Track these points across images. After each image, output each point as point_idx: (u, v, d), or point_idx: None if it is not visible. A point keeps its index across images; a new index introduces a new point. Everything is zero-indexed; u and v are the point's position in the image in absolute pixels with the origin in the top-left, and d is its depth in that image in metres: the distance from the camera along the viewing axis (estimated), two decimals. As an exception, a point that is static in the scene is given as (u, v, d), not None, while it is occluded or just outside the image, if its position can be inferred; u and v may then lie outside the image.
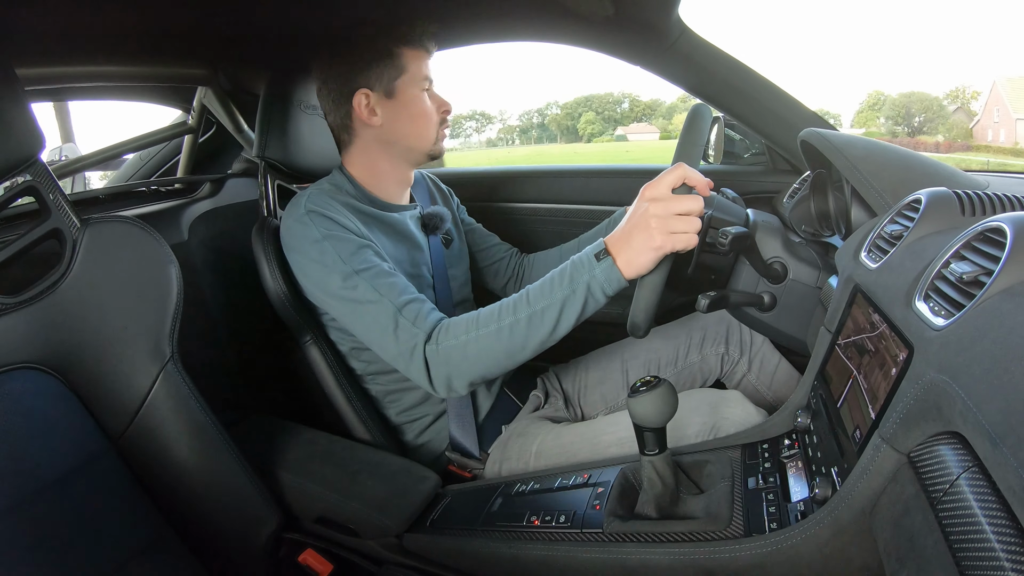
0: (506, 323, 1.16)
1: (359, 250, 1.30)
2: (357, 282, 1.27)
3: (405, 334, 1.22)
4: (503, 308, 1.18)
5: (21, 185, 0.95)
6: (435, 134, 1.47)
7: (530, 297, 1.16)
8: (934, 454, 0.60)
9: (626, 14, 1.45)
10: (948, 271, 0.73)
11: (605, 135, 67.49)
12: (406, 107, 1.43)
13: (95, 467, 0.97)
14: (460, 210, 1.80)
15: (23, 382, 0.93)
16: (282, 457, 1.33)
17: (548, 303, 1.13)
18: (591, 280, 1.11)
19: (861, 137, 1.23)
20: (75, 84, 1.68)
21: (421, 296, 1.29)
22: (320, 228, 1.30)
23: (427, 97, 1.45)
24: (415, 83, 1.43)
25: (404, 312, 1.24)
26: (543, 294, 1.15)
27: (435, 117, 1.47)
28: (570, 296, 1.12)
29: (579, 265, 1.13)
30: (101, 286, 1.01)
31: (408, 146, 1.47)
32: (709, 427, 1.28)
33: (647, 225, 1.06)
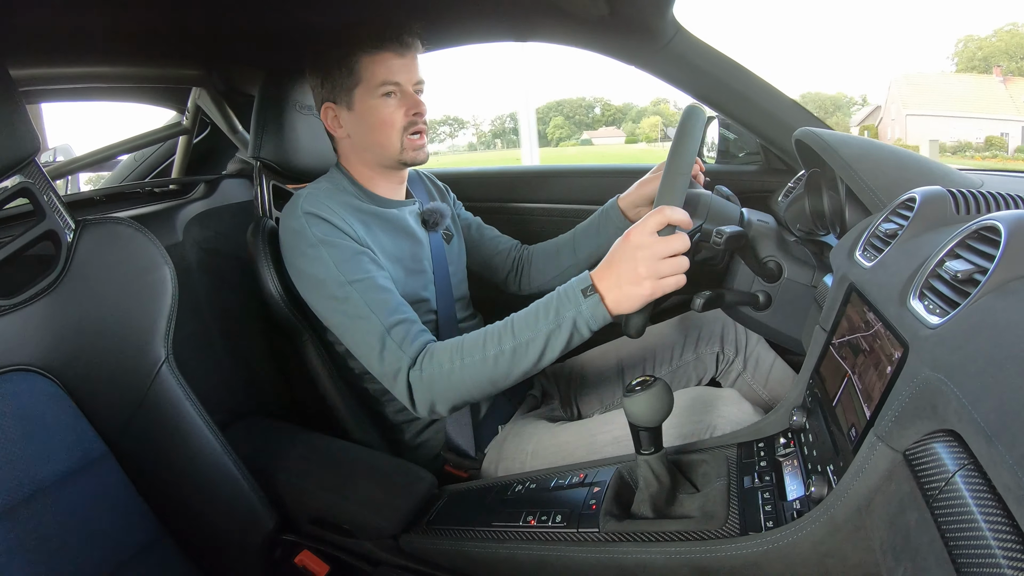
0: (491, 353, 1.17)
1: (355, 257, 1.30)
2: (350, 293, 1.28)
3: (391, 355, 1.24)
4: (488, 337, 1.18)
5: (16, 187, 0.94)
6: (399, 142, 1.42)
7: (515, 328, 1.17)
8: (929, 452, 0.60)
9: (621, 14, 1.45)
10: (943, 269, 0.73)
11: (572, 139, 67.68)
12: (364, 118, 1.42)
13: (91, 469, 0.96)
14: (457, 206, 1.80)
15: (18, 384, 0.93)
16: (277, 458, 1.32)
17: (533, 335, 1.14)
18: (577, 316, 1.12)
19: (856, 136, 1.24)
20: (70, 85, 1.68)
21: (411, 316, 1.31)
22: (317, 232, 1.30)
23: (387, 104, 1.40)
24: (371, 91, 1.39)
25: (392, 333, 1.25)
26: (528, 325, 1.15)
27: (398, 124, 1.41)
28: (555, 330, 1.13)
29: (565, 299, 1.14)
30: (96, 288, 1.01)
31: (377, 155, 1.46)
32: (705, 426, 1.28)
33: (635, 272, 1.07)
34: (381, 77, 1.38)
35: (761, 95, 1.66)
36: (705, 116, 1.26)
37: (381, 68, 1.38)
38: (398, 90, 1.40)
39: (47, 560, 0.88)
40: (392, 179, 1.51)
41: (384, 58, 1.38)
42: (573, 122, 73.61)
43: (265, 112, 1.54)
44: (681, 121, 1.20)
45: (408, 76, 1.40)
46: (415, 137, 1.43)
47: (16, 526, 0.87)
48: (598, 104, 74.01)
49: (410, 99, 1.41)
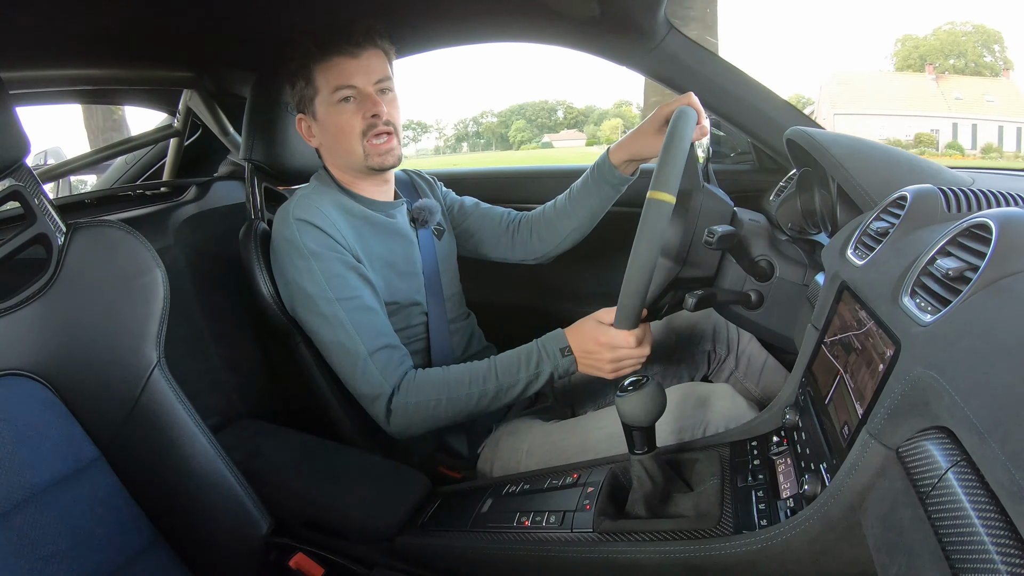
0: (475, 392, 1.31)
1: (345, 274, 1.32)
2: (337, 311, 1.31)
3: (373, 379, 1.31)
4: (473, 377, 1.32)
5: (6, 190, 0.94)
6: (360, 148, 1.40)
7: (498, 372, 1.32)
8: (922, 449, 0.61)
9: (612, 14, 1.45)
10: (934, 267, 0.73)
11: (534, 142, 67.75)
12: (327, 127, 1.42)
13: (84, 474, 0.96)
14: (447, 195, 1.78)
15: (10, 389, 0.93)
16: (271, 461, 1.32)
17: (514, 381, 1.32)
18: (554, 369, 1.32)
19: (846, 135, 1.24)
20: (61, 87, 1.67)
21: (395, 341, 1.35)
22: (308, 242, 1.31)
23: (345, 110, 1.38)
24: (328, 99, 1.38)
25: (375, 358, 1.31)
26: (510, 372, 1.32)
27: (356, 129, 1.39)
28: (534, 379, 1.33)
29: (545, 355, 1.33)
30: (87, 291, 1.00)
31: (348, 162, 1.45)
32: (699, 421, 1.29)
33: (600, 365, 1.31)
34: (334, 83, 1.37)
35: (752, 95, 1.67)
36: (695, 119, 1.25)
37: (333, 74, 1.37)
38: (355, 93, 1.38)
39: (40, 566, 0.87)
40: (375, 182, 1.50)
41: (335, 63, 1.36)
42: (535, 125, 73.37)
43: (256, 114, 1.54)
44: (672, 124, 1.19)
45: (365, 77, 1.38)
46: (378, 141, 1.40)
47: (8, 532, 0.86)
48: (560, 107, 74.02)
49: (367, 101, 1.38)
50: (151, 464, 1.02)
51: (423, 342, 1.52)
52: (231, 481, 1.07)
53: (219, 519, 1.05)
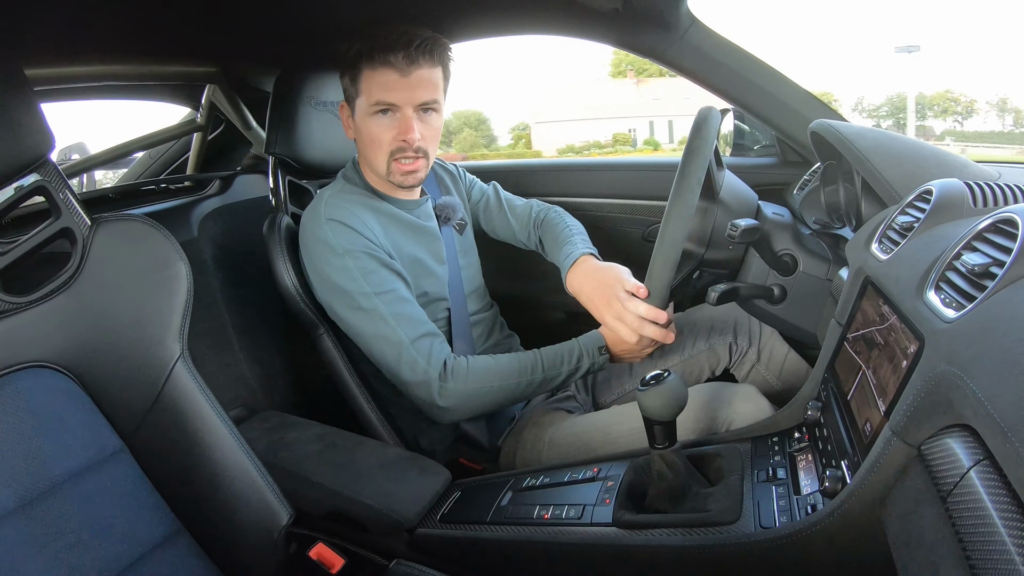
0: (524, 380, 1.36)
1: (380, 269, 1.33)
2: (376, 304, 1.32)
3: (417, 366, 1.31)
4: (522, 367, 1.37)
5: (31, 185, 0.95)
6: (385, 164, 1.39)
7: (544, 364, 1.37)
8: (944, 447, 0.60)
9: (635, 6, 1.44)
10: (959, 262, 0.72)
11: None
12: (359, 131, 1.41)
13: (106, 465, 0.97)
14: (473, 186, 1.78)
15: (34, 380, 0.94)
16: (292, 452, 1.33)
17: (558, 373, 1.38)
18: (592, 365, 1.40)
19: (872, 128, 1.23)
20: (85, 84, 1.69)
21: (433, 328, 1.36)
22: (342, 241, 1.32)
23: (379, 122, 1.36)
24: (365, 108, 1.36)
25: (417, 346, 1.32)
26: (555, 364, 1.38)
27: (384, 147, 1.37)
28: (574, 372, 1.39)
29: (586, 353, 1.40)
30: (111, 284, 1.01)
31: (370, 166, 1.45)
32: (720, 422, 1.28)
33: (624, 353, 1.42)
34: (376, 95, 1.34)
35: (777, 87, 1.65)
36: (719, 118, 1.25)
37: (378, 85, 1.33)
38: (395, 111, 1.35)
39: (63, 555, 0.88)
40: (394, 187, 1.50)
41: (383, 75, 1.32)
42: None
43: (280, 108, 1.54)
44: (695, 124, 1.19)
45: (408, 96, 1.34)
46: (404, 163, 1.39)
47: (31, 521, 0.88)
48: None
49: (403, 123, 1.36)
50: (173, 455, 1.03)
51: (445, 334, 1.52)
52: (253, 472, 1.08)
53: (240, 510, 1.06)
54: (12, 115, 0.89)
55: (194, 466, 1.04)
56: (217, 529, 1.06)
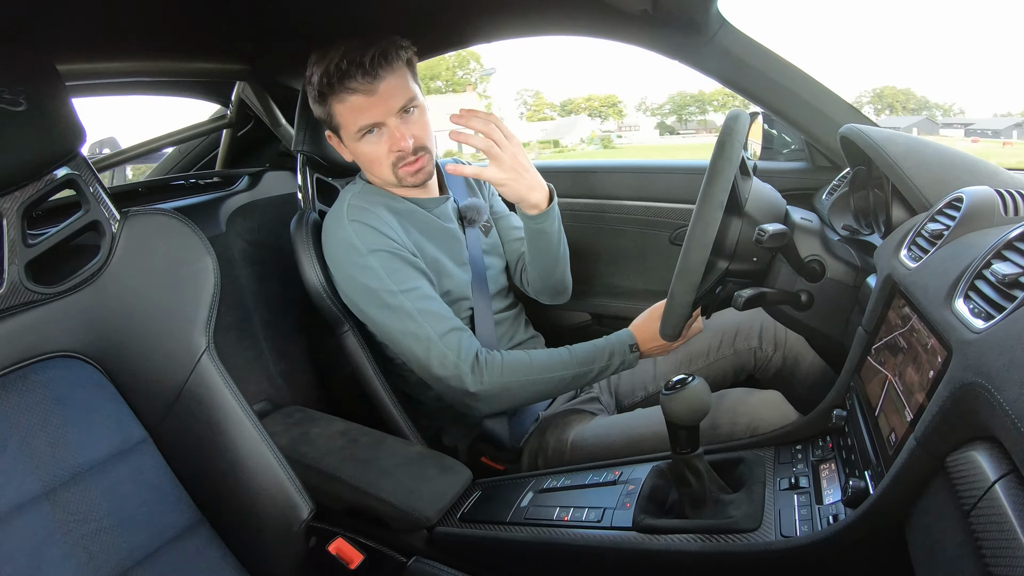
0: (557, 375, 1.38)
1: (404, 267, 1.35)
2: (402, 301, 1.33)
3: (447, 360, 1.33)
4: (554, 363, 1.39)
5: (62, 178, 0.96)
6: (392, 175, 1.41)
7: (577, 360, 1.40)
8: (969, 459, 0.59)
9: (664, 8, 1.43)
10: (989, 272, 0.71)
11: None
12: (355, 155, 1.43)
13: (130, 455, 0.98)
14: (493, 197, 1.78)
15: (61, 370, 0.95)
16: (314, 447, 1.34)
17: (590, 368, 1.40)
18: (623, 362, 1.43)
19: (902, 134, 1.21)
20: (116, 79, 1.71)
21: (459, 323, 1.37)
22: (365, 241, 1.33)
23: (368, 144, 1.38)
24: (349, 136, 1.38)
25: (445, 341, 1.33)
26: (587, 360, 1.40)
27: (384, 163, 1.39)
28: (605, 368, 1.42)
29: (618, 350, 1.43)
30: (139, 277, 1.03)
31: (380, 181, 1.47)
32: (743, 427, 1.27)
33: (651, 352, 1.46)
34: (354, 123, 1.35)
35: (807, 90, 1.63)
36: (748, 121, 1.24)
37: (351, 112, 1.35)
38: (379, 126, 1.37)
39: (85, 542, 0.90)
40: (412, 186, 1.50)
41: (351, 102, 1.34)
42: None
43: (308, 107, 1.55)
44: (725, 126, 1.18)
45: (384, 109, 1.34)
46: (408, 166, 1.41)
47: (55, 508, 0.89)
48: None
49: (393, 135, 1.37)
50: (197, 447, 1.04)
51: None
52: (275, 466, 1.09)
53: (262, 502, 1.07)
54: (44, 109, 0.90)
55: (217, 458, 1.05)
56: (238, 521, 1.07)
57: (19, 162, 0.89)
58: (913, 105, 69.77)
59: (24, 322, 0.94)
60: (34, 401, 0.92)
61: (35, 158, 0.90)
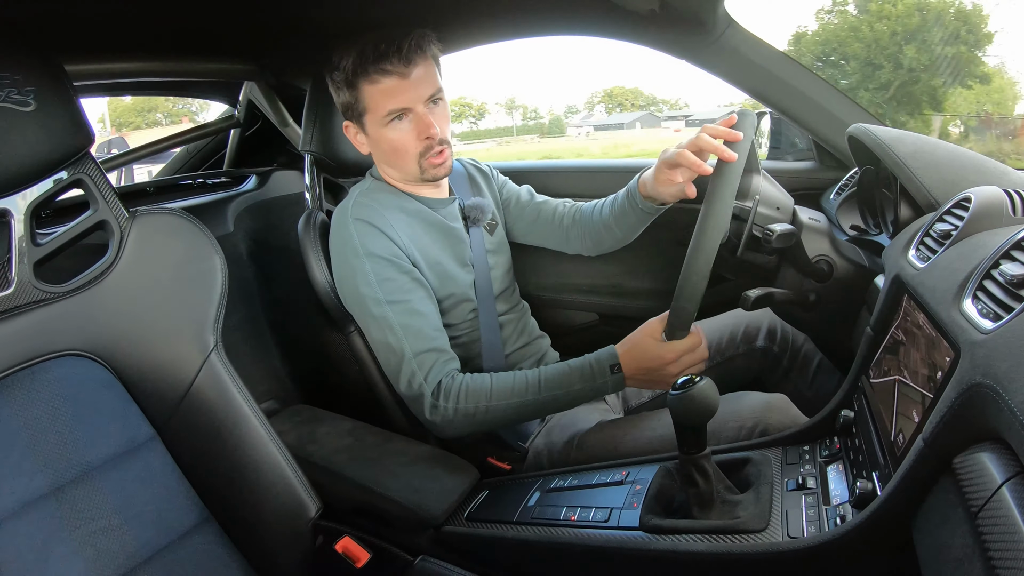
0: (516, 402, 1.31)
1: (397, 277, 1.34)
2: (386, 312, 1.33)
3: (414, 380, 1.33)
4: (516, 385, 1.32)
5: (70, 178, 0.97)
6: (416, 167, 1.40)
7: (544, 384, 1.31)
8: (977, 461, 0.59)
9: (672, 8, 1.43)
10: (997, 272, 0.71)
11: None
12: (378, 144, 1.41)
13: (138, 453, 0.99)
14: (504, 186, 1.76)
15: (70, 368, 0.96)
16: (321, 446, 1.34)
17: (562, 393, 1.30)
18: (602, 386, 1.30)
19: (910, 133, 1.21)
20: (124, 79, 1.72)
21: (441, 344, 1.36)
22: (365, 242, 1.33)
23: (398, 129, 1.37)
24: (377, 121, 1.36)
25: (418, 360, 1.33)
26: (559, 384, 1.31)
27: (411, 151, 1.38)
28: (582, 392, 1.31)
29: (595, 372, 1.30)
30: (148, 276, 1.03)
31: (398, 174, 1.46)
32: (749, 431, 1.27)
33: (667, 379, 1.26)
34: (385, 106, 1.34)
35: (815, 90, 1.63)
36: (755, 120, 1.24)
37: (383, 95, 1.34)
38: (408, 113, 1.36)
39: (93, 539, 0.90)
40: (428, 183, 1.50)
41: (385, 85, 1.33)
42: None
43: (316, 107, 1.55)
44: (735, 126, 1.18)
45: (415, 95, 1.34)
46: (434, 157, 1.40)
47: (63, 506, 0.90)
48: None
49: (421, 122, 1.36)
50: (205, 445, 1.04)
51: (474, 334, 1.52)
52: (282, 464, 1.09)
53: (269, 501, 1.07)
54: (53, 109, 0.90)
55: (224, 456, 1.05)
56: (245, 519, 1.07)
57: (28, 162, 0.89)
58: (641, 102, 78.91)
59: (33, 321, 0.94)
60: (43, 399, 0.92)
61: (44, 158, 0.91)
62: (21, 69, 0.88)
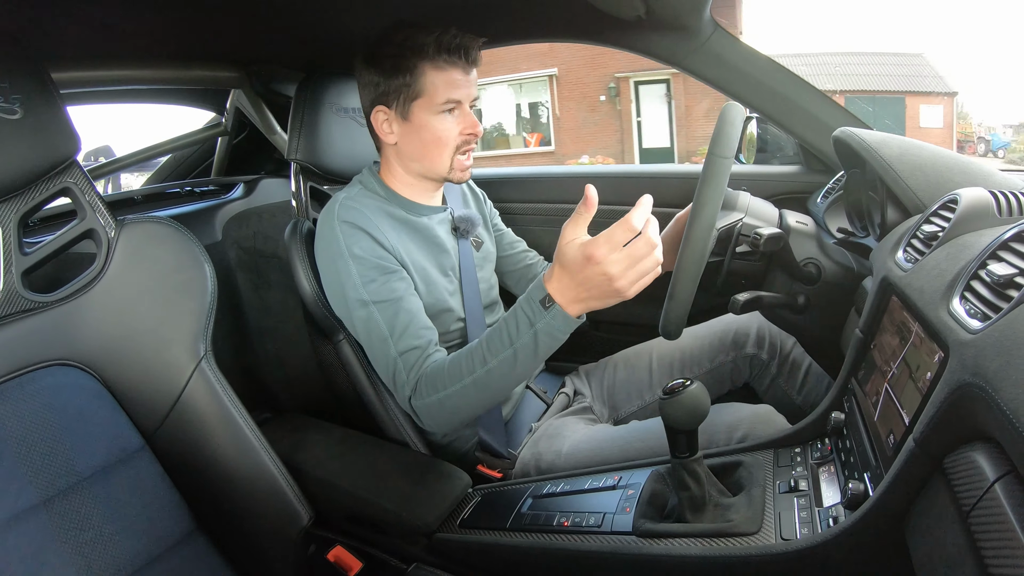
0: (470, 379, 1.21)
1: (382, 276, 1.33)
2: (372, 312, 1.32)
3: (399, 380, 1.30)
4: (464, 363, 1.22)
5: (57, 186, 0.96)
6: (448, 162, 1.41)
7: (488, 350, 1.19)
8: (968, 460, 0.59)
9: (658, 14, 1.44)
10: (985, 272, 0.72)
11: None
12: (418, 132, 1.40)
13: (129, 463, 0.98)
14: (492, 214, 1.79)
15: (59, 378, 0.95)
16: (313, 455, 1.34)
17: (510, 354, 1.17)
18: (547, 327, 1.13)
19: (897, 137, 1.22)
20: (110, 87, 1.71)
21: (423, 342, 1.32)
22: (350, 243, 1.32)
23: (444, 121, 1.38)
24: (430, 107, 1.36)
25: (403, 359, 1.30)
26: (500, 344, 1.18)
27: (451, 144, 1.39)
28: (530, 345, 1.15)
29: (529, 314, 1.14)
30: (136, 285, 1.03)
31: (423, 168, 1.45)
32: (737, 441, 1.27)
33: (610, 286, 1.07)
34: (445, 94, 1.35)
35: (800, 94, 1.64)
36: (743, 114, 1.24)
37: (446, 84, 1.35)
38: (458, 108, 1.38)
39: (84, 550, 0.90)
40: (431, 187, 1.51)
41: (450, 73, 1.35)
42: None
43: (301, 114, 1.55)
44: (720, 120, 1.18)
45: (470, 92, 1.38)
46: (464, 157, 1.42)
47: (53, 517, 0.89)
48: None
49: (468, 118, 1.39)
50: (195, 455, 1.04)
51: (462, 345, 1.52)
52: (274, 473, 1.09)
53: (261, 510, 1.07)
54: (38, 118, 0.90)
55: (215, 466, 1.05)
56: (237, 528, 1.07)
57: (14, 170, 0.89)
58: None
59: (21, 331, 0.94)
60: (31, 410, 0.92)
61: (30, 166, 0.91)
62: (8, 77, 0.88)
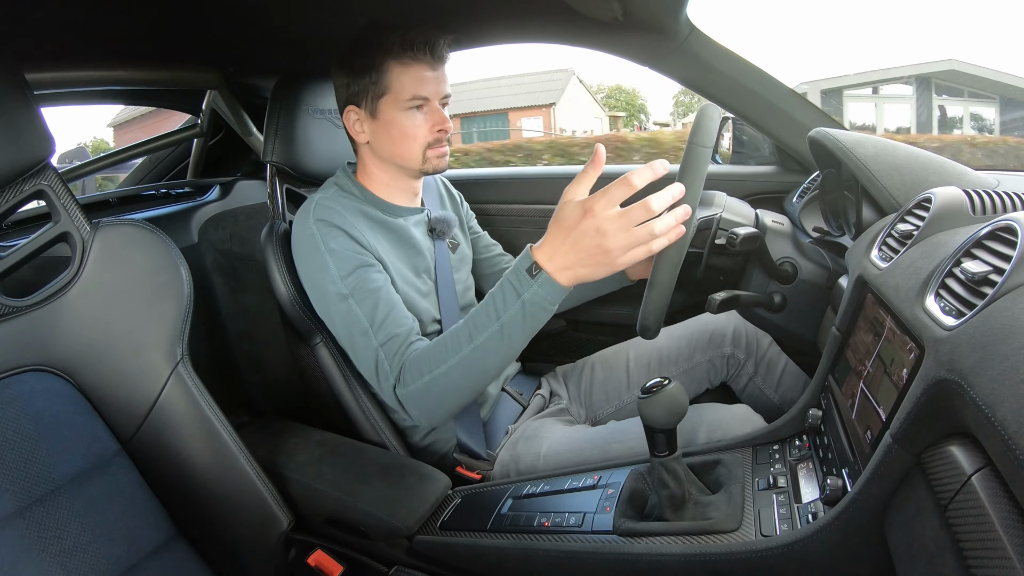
0: (456, 359, 1.17)
1: (359, 270, 1.32)
2: (351, 306, 1.30)
3: (382, 372, 1.28)
4: (449, 343, 1.19)
5: (31, 189, 0.95)
6: (420, 155, 1.41)
7: (474, 327, 1.16)
8: (945, 455, 0.60)
9: (635, 16, 1.44)
10: (959, 270, 0.73)
11: None
12: (387, 128, 1.40)
13: (106, 469, 0.97)
14: (469, 216, 1.79)
15: (34, 384, 0.94)
16: (292, 458, 1.33)
17: (496, 329, 1.13)
18: (534, 297, 1.09)
19: (871, 137, 1.23)
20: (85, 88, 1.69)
21: (403, 331, 1.30)
22: (325, 239, 1.31)
23: (413, 117, 1.38)
24: (397, 104, 1.36)
25: (384, 349, 1.29)
26: (487, 319, 1.14)
27: (421, 139, 1.39)
28: (517, 318, 1.11)
29: (516, 285, 1.11)
30: (111, 289, 1.02)
31: (396, 164, 1.45)
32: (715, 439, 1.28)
33: (601, 248, 1.01)
34: (411, 90, 1.35)
35: (776, 95, 1.65)
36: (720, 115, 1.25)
37: (411, 80, 1.35)
38: (426, 104, 1.38)
39: (62, 559, 0.88)
40: (408, 187, 1.50)
41: (416, 70, 1.35)
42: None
43: (277, 116, 1.54)
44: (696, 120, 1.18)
45: (437, 89, 1.38)
46: (438, 149, 1.42)
47: (30, 525, 0.88)
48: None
49: (437, 115, 1.39)
50: (173, 460, 1.03)
51: None
52: (253, 478, 1.08)
53: (240, 515, 1.06)
54: (12, 119, 0.89)
55: (193, 471, 1.04)
56: (215, 534, 1.06)
57: (-13, 173, 0.87)
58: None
59: (-6, 337, 0.93)
60: (6, 417, 0.90)
61: (4, 169, 0.89)
62: None
